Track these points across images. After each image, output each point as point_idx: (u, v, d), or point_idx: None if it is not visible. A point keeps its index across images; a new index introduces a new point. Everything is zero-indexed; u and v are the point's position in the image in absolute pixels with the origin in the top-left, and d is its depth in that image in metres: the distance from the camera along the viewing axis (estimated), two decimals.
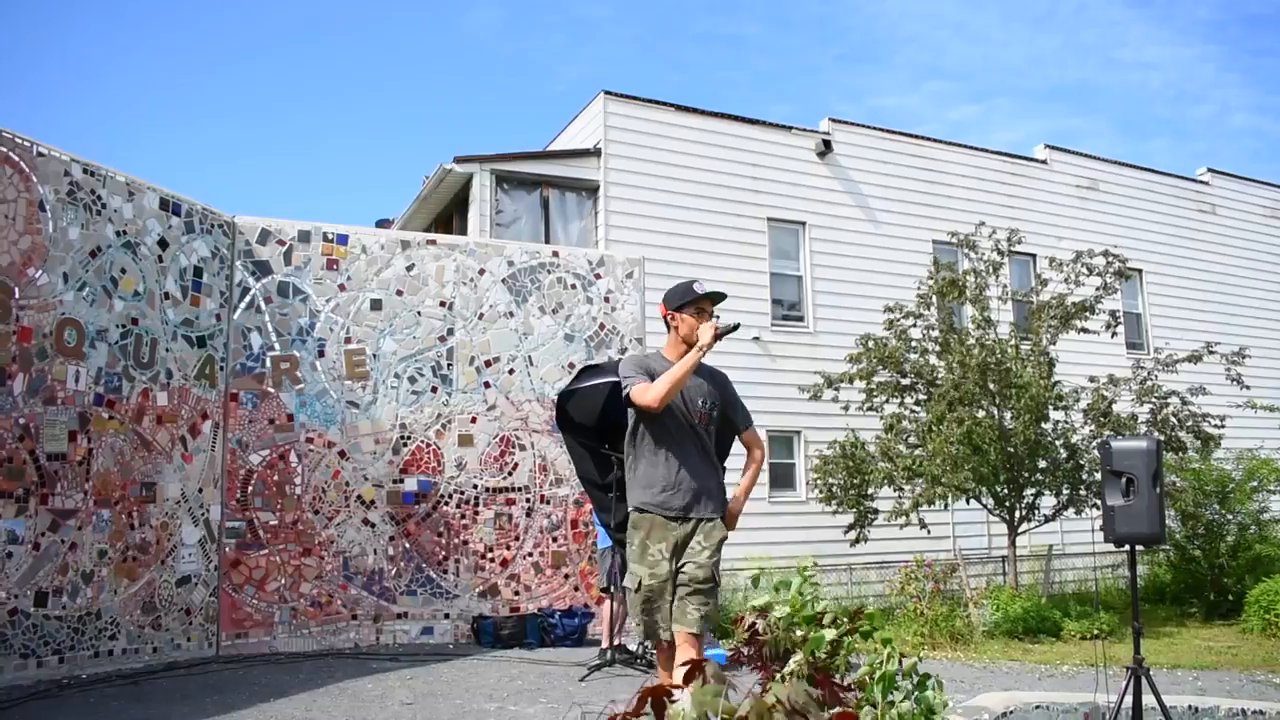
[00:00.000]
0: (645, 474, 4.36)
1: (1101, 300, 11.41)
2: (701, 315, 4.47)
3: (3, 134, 6.40)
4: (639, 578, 4.24)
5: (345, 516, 8.18)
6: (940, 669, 7.16)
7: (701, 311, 4.48)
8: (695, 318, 4.45)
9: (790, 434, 14.33)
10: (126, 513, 7.06)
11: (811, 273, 15.00)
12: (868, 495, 11.17)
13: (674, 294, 4.55)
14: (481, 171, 13.39)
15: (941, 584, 10.35)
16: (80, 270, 6.84)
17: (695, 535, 4.30)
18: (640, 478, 4.37)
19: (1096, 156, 18.26)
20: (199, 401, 7.68)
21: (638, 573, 4.26)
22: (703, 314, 4.48)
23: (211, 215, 7.95)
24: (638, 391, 4.27)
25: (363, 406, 8.35)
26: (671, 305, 4.51)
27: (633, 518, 4.36)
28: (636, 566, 4.28)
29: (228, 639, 7.71)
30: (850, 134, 15.79)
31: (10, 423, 6.32)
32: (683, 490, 4.31)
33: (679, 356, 4.42)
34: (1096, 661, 7.21)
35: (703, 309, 4.49)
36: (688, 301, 4.47)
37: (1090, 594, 13.04)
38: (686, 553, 4.26)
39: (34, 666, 6.38)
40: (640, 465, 4.39)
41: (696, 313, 4.46)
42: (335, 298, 8.36)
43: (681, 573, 4.22)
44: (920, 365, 11.27)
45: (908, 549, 11.91)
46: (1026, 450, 10.64)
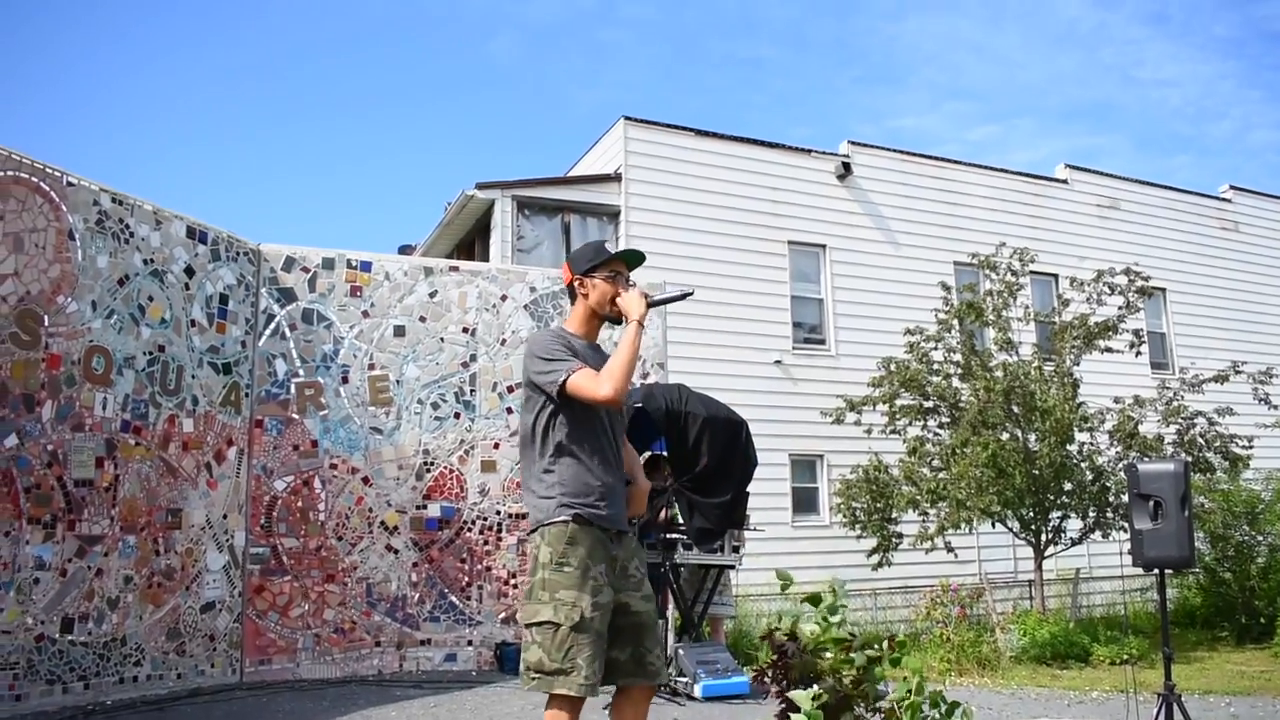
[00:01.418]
0: (576, 477, 3.54)
1: (1124, 319, 11.35)
2: (617, 280, 3.72)
3: (34, 164, 6.48)
4: (579, 609, 3.34)
5: (368, 543, 8.19)
6: (967, 696, 7.09)
7: (617, 275, 3.73)
8: (609, 283, 3.70)
9: (813, 458, 14.30)
10: (152, 539, 7.09)
11: (832, 295, 15.00)
12: (891, 519, 11.12)
13: (580, 255, 3.80)
14: (503, 197, 13.48)
15: (967, 609, 10.27)
16: (108, 298, 6.90)
17: (632, 558, 3.63)
18: (570, 481, 3.53)
19: (1117, 175, 18.25)
20: (224, 428, 7.73)
21: (577, 602, 3.35)
22: (618, 278, 3.73)
23: (237, 243, 8.02)
24: (587, 380, 3.47)
25: (386, 432, 8.37)
26: (578, 269, 3.74)
27: (569, 531, 3.46)
28: (573, 594, 3.37)
29: (251, 665, 7.72)
30: (870, 156, 15.82)
31: (39, 449, 6.37)
32: (617, 499, 3.62)
33: (587, 330, 3.76)
34: (1127, 687, 7.13)
35: (618, 272, 3.75)
36: (601, 262, 3.72)
37: (1119, 618, 12.91)
38: (627, 580, 3.56)
39: (60, 693, 6.40)
40: (565, 466, 3.56)
41: (611, 276, 3.72)
42: (359, 324, 8.41)
43: (630, 610, 3.51)
44: (943, 388, 11.23)
45: (932, 573, 11.84)
46: (1052, 473, 10.57)
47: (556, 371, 3.50)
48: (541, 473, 3.58)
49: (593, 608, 3.35)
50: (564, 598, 3.35)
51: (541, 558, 3.46)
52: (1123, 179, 18.22)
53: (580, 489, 3.52)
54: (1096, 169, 18.09)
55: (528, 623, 3.42)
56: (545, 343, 3.63)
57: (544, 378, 3.54)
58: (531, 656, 3.35)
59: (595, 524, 3.49)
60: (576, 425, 3.57)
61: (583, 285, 3.72)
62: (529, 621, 3.41)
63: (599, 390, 3.45)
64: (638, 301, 3.63)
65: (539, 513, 3.55)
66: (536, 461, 3.60)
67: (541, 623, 3.34)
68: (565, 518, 3.48)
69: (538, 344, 3.65)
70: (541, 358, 3.56)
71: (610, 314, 3.72)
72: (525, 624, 3.43)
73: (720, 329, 13.83)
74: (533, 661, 3.35)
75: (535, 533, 3.55)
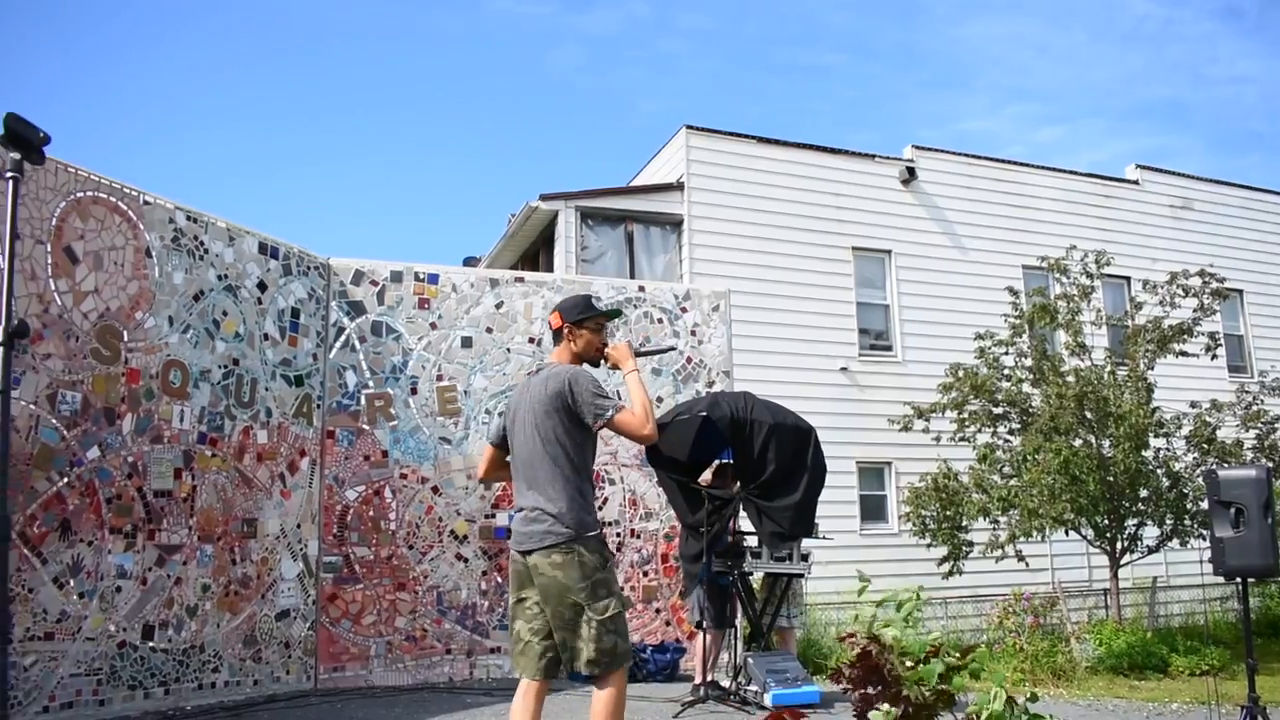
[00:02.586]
0: (591, 497, 4.18)
1: (1199, 322, 11.11)
2: (601, 333, 4.38)
3: (112, 184, 6.66)
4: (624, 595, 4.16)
5: (439, 551, 8.27)
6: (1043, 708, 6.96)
7: (601, 328, 4.38)
8: (595, 334, 4.34)
9: (881, 465, 14.18)
10: (229, 548, 7.23)
11: (899, 301, 14.88)
12: (961, 527, 10.98)
13: (572, 306, 4.38)
14: (566, 208, 13.55)
15: (1041, 618, 10.10)
16: (184, 313, 7.06)
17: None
18: (592, 498, 4.18)
19: (1190, 175, 17.87)
20: (297, 439, 7.86)
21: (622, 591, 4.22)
22: (601, 330, 4.39)
23: (308, 258, 8.16)
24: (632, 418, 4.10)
25: (455, 442, 8.46)
26: (569, 317, 4.32)
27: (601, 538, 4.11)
28: (618, 586, 4.12)
29: (325, 672, 7.83)
30: (934, 160, 15.67)
31: (120, 461, 6.53)
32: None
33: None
34: (1208, 699, 6.98)
35: (603, 326, 4.41)
36: (589, 316, 4.34)
37: (1199, 628, 12.62)
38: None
39: (141, 698, 6.55)
40: (589, 486, 4.18)
41: (598, 329, 4.36)
42: (427, 336, 8.51)
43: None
44: (1013, 394, 11.07)
45: (1004, 582, 11.67)
46: (1127, 480, 10.36)
47: (607, 407, 4.08)
48: (580, 490, 4.10)
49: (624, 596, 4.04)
50: (617, 590, 4.02)
51: (592, 563, 3.97)
52: (1195, 178, 17.84)
53: (593, 506, 4.15)
54: (1168, 169, 17.73)
55: (602, 617, 3.90)
56: (593, 380, 4.17)
57: (598, 408, 4.08)
58: (607, 644, 3.88)
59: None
60: (590, 451, 4.21)
61: (571, 333, 4.32)
62: (603, 616, 3.90)
63: (645, 428, 4.12)
64: (627, 352, 4.32)
65: (579, 525, 4.01)
66: (573, 480, 4.08)
67: (614, 614, 3.92)
68: (599, 530, 4.09)
69: (590, 380, 4.16)
70: (595, 392, 4.11)
71: (591, 359, 4.37)
72: (599, 619, 3.90)
73: (786, 336, 13.76)
74: (608, 647, 3.88)
75: (576, 542, 3.99)
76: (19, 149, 2.77)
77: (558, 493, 4.03)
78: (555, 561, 3.95)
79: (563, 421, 4.09)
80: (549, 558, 3.96)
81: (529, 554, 4.04)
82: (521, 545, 4.08)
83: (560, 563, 3.94)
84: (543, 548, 3.98)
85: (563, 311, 4.34)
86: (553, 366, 4.31)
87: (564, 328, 4.31)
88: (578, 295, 4.51)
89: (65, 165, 6.35)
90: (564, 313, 4.33)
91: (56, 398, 6.17)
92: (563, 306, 4.37)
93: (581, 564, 3.94)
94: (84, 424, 6.32)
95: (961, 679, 3.09)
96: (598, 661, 3.87)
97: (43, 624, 5.99)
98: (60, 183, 6.31)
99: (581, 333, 4.31)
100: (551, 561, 3.96)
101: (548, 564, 3.96)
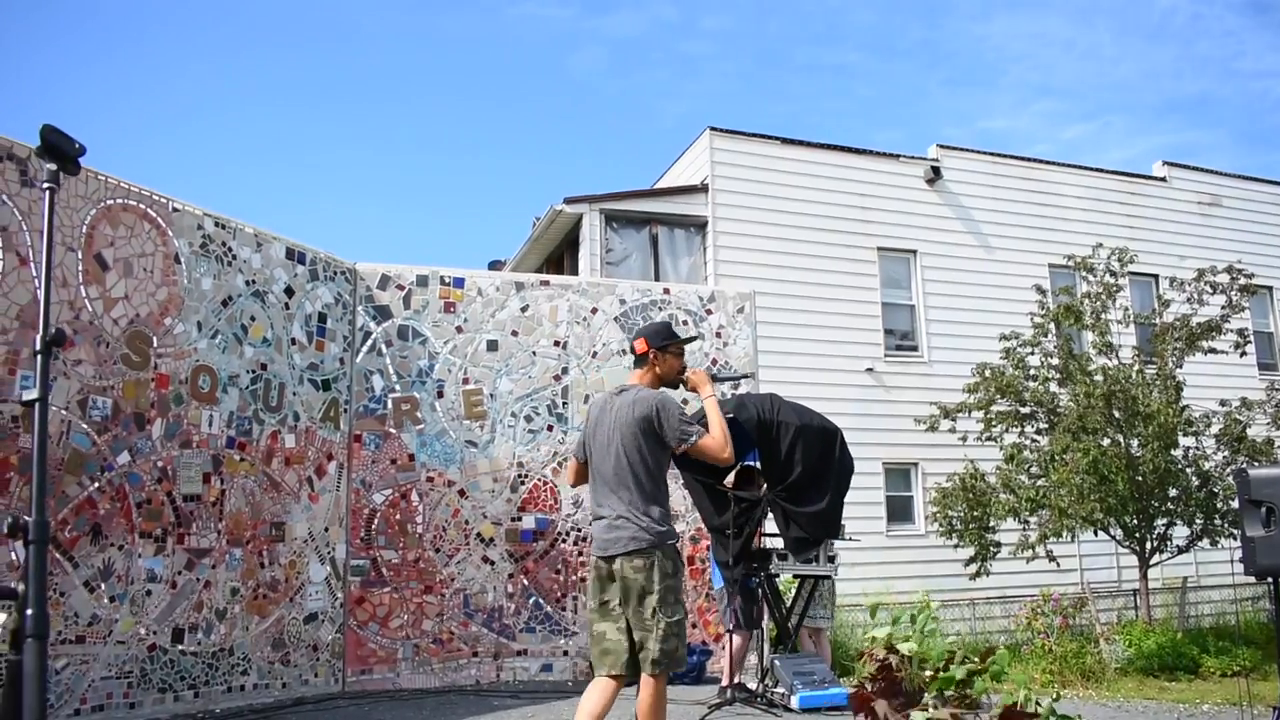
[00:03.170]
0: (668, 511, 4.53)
1: (1228, 319, 11.01)
2: (682, 357, 4.73)
3: (141, 191, 6.73)
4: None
5: (465, 554, 8.31)
6: (1072, 709, 6.92)
7: (682, 353, 4.73)
8: (677, 359, 4.68)
9: (907, 466, 14.12)
10: (257, 551, 7.29)
11: (924, 301, 14.81)
12: (989, 528, 10.92)
13: (658, 332, 4.72)
14: (591, 211, 13.57)
15: (1070, 619, 10.03)
16: (213, 319, 7.12)
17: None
18: (667, 514, 4.51)
19: (1218, 171, 17.70)
20: (324, 443, 7.91)
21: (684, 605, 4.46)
22: (682, 355, 4.74)
23: (334, 263, 8.21)
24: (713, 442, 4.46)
25: (481, 446, 8.49)
26: (655, 343, 4.65)
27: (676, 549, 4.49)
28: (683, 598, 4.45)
29: (353, 675, 7.88)
30: (959, 159, 15.60)
31: (150, 465, 6.60)
32: None
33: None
34: (1239, 700, 6.91)
35: (683, 350, 4.76)
36: (673, 342, 4.69)
37: (1230, 628, 12.50)
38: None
39: (171, 701, 6.61)
40: (667, 503, 4.54)
41: (679, 354, 4.70)
42: (453, 339, 8.54)
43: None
44: (1040, 393, 11.01)
45: (1032, 582, 11.60)
46: (1156, 479, 10.28)
47: (692, 432, 4.43)
48: (659, 502, 4.45)
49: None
50: (682, 598, 4.38)
51: (667, 569, 4.33)
52: (1224, 175, 17.67)
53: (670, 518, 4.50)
54: (1196, 165, 17.58)
55: (670, 620, 4.26)
56: (679, 407, 4.55)
57: (682, 432, 4.43)
58: (669, 646, 4.23)
59: None
60: (666, 468, 4.57)
61: (656, 358, 4.63)
62: (671, 619, 4.26)
63: (724, 451, 4.46)
64: (705, 378, 4.67)
65: (657, 535, 4.36)
66: (652, 492, 4.44)
67: (679, 620, 4.29)
68: (675, 539, 4.44)
69: (676, 407, 4.53)
70: (682, 419, 4.47)
71: (672, 382, 4.68)
72: (668, 621, 4.26)
73: (811, 337, 13.73)
74: (670, 649, 4.23)
75: (656, 548, 4.34)
76: (55, 160, 2.80)
77: (641, 503, 4.39)
78: (636, 565, 4.31)
79: (647, 442, 4.44)
80: (631, 562, 4.32)
81: (612, 559, 4.39)
82: (605, 551, 4.42)
83: (641, 566, 4.30)
84: (625, 553, 4.33)
85: (648, 337, 4.66)
86: (638, 389, 4.61)
87: (649, 352, 4.62)
88: (660, 322, 4.96)
89: (96, 173, 6.43)
90: (649, 338, 4.65)
91: (87, 403, 6.24)
92: (647, 332, 4.70)
93: (660, 569, 4.30)
94: (114, 429, 6.39)
95: (984, 682, 3.08)
96: (660, 661, 4.21)
97: (74, 627, 6.06)
98: (91, 190, 6.38)
99: (666, 357, 4.63)
100: (634, 565, 4.31)
101: (630, 568, 4.32)
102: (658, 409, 4.45)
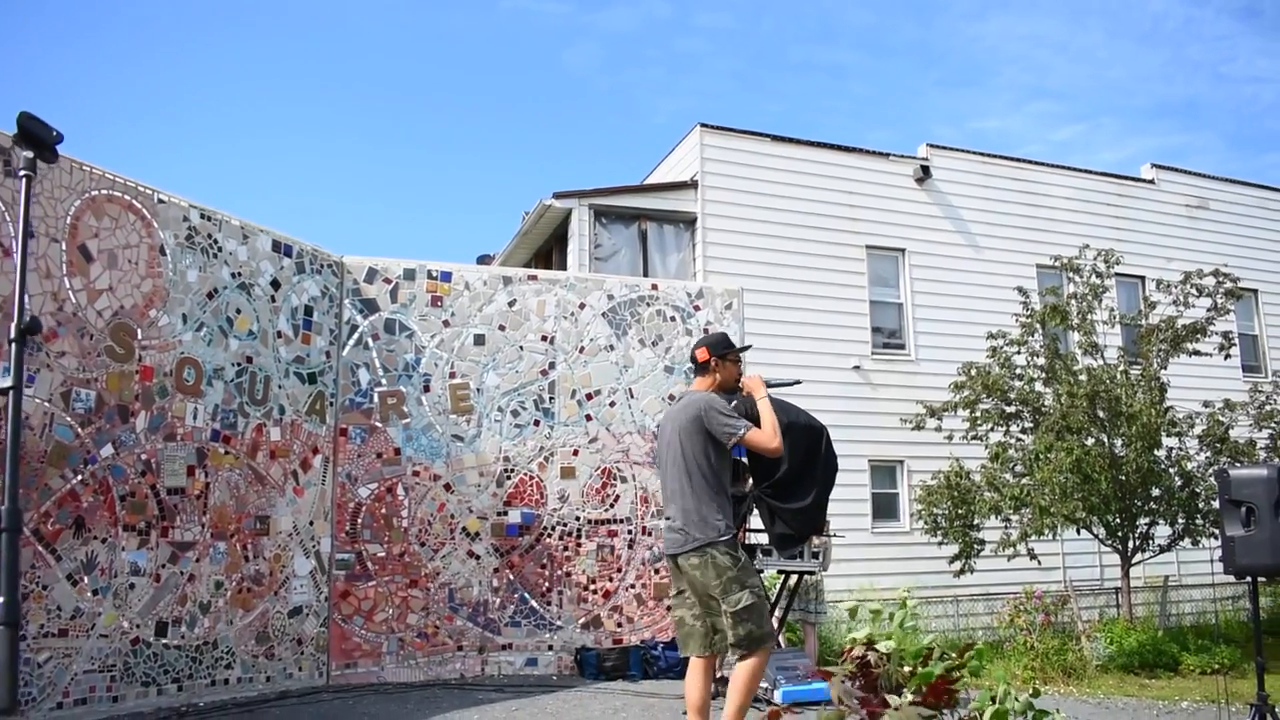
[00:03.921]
0: (727, 504, 4.90)
1: (1213, 321, 11.07)
2: (739, 365, 5.18)
3: (126, 182, 6.70)
4: (761, 587, 4.82)
5: (450, 549, 8.31)
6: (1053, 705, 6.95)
7: (739, 361, 5.20)
8: (735, 367, 5.13)
9: (893, 464, 14.16)
10: (241, 545, 7.27)
11: (912, 300, 14.85)
12: (973, 526, 10.96)
13: (719, 343, 5.19)
14: (580, 206, 13.57)
15: (1052, 616, 10.08)
16: (198, 311, 7.11)
17: None
18: (726, 507, 4.89)
19: (1206, 174, 17.77)
20: (310, 436, 7.90)
21: (759, 583, 4.85)
22: (739, 363, 5.20)
23: (321, 256, 8.20)
24: (761, 435, 4.85)
25: (467, 440, 8.49)
26: (716, 352, 5.11)
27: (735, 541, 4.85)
28: (754, 579, 4.82)
29: (337, 669, 7.87)
30: (949, 159, 15.63)
31: (133, 458, 6.58)
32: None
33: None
34: (1218, 698, 6.97)
35: (739, 359, 5.22)
36: (732, 350, 5.15)
37: (1210, 627, 12.58)
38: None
39: (154, 694, 6.59)
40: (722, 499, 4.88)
41: (737, 362, 5.16)
42: (440, 333, 8.54)
43: None
44: (1026, 393, 11.05)
45: (1016, 580, 11.65)
46: (1139, 479, 10.34)
47: (737, 427, 4.81)
48: (713, 501, 4.81)
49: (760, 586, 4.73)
50: (753, 583, 4.71)
51: (726, 562, 4.70)
52: (1212, 178, 17.74)
53: (730, 512, 4.87)
54: (1184, 168, 17.64)
55: (735, 609, 4.64)
56: (722, 405, 4.92)
57: (727, 429, 4.82)
58: (742, 631, 4.63)
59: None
60: (725, 467, 4.94)
61: (718, 365, 5.06)
62: (736, 608, 4.64)
63: (772, 443, 4.88)
64: (759, 383, 5.08)
65: (712, 531, 4.74)
66: (706, 492, 4.82)
67: (746, 605, 4.63)
68: (733, 533, 4.82)
69: (718, 404, 4.91)
70: (724, 414, 4.86)
71: (731, 388, 5.09)
72: (733, 610, 4.64)
73: (798, 334, 13.74)
74: (744, 634, 4.62)
75: (709, 546, 4.72)
76: (32, 147, 2.80)
77: (695, 505, 4.80)
78: (694, 564, 4.76)
79: (700, 441, 4.85)
80: (689, 560, 4.78)
81: (675, 557, 4.89)
82: (669, 550, 4.92)
83: (698, 564, 4.74)
84: (684, 552, 4.79)
85: (710, 347, 5.13)
86: (692, 394, 5.07)
87: (711, 360, 5.08)
88: (720, 333, 5.35)
89: (80, 164, 6.40)
90: (711, 348, 5.12)
91: (71, 395, 6.22)
92: (709, 343, 5.17)
93: (716, 565, 4.70)
94: (98, 421, 6.37)
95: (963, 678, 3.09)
96: (739, 644, 4.67)
97: (57, 621, 6.04)
98: (75, 181, 6.35)
99: (726, 365, 5.07)
100: (692, 564, 4.77)
101: (689, 565, 4.79)
102: (704, 409, 4.86)
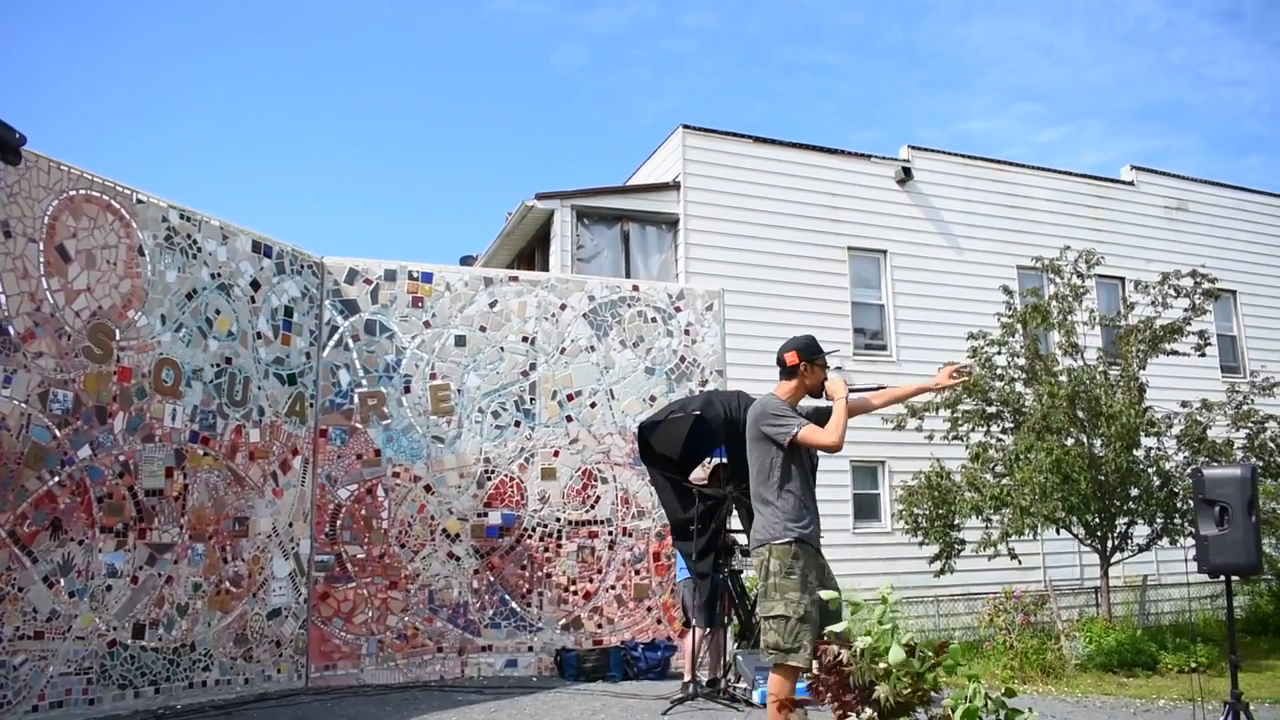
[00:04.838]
0: (794, 509, 4.73)
1: (1190, 322, 11.13)
2: (826, 369, 5.08)
3: (104, 182, 6.68)
4: (802, 605, 4.53)
5: (430, 550, 8.29)
6: (1031, 704, 6.99)
7: (825, 365, 5.09)
8: (821, 370, 5.02)
9: (874, 464, 14.18)
10: (220, 547, 7.25)
11: (893, 301, 14.88)
12: (954, 526, 10.99)
13: (807, 346, 5.08)
14: (563, 207, 13.54)
15: (1031, 616, 10.11)
16: (177, 312, 7.08)
17: (826, 563, 4.85)
18: (789, 512, 4.72)
19: (1186, 176, 17.84)
20: (290, 438, 7.88)
21: (800, 600, 4.55)
22: (826, 367, 5.09)
23: (301, 256, 8.17)
24: (813, 432, 4.74)
25: (448, 441, 8.48)
26: (804, 356, 5.01)
27: (793, 549, 4.65)
28: (797, 594, 4.57)
29: (317, 671, 7.85)
30: (931, 160, 15.67)
31: (111, 459, 6.55)
32: (817, 523, 4.83)
33: (796, 399, 4.98)
34: (1194, 696, 7.01)
35: (826, 364, 5.10)
36: (819, 354, 5.06)
37: (1188, 626, 12.65)
38: (827, 581, 4.74)
39: (131, 697, 6.57)
40: (788, 501, 4.74)
41: (823, 366, 5.06)
42: (421, 334, 8.53)
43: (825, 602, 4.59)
44: (1006, 393, 11.10)
45: (996, 580, 11.68)
46: (1118, 478, 10.38)
47: (789, 426, 4.75)
48: (776, 502, 4.75)
49: (811, 604, 4.52)
50: (792, 597, 4.55)
51: (773, 567, 4.64)
52: (1191, 180, 17.83)
53: (797, 516, 4.72)
54: (1164, 170, 17.72)
55: (765, 615, 4.62)
56: (776, 406, 4.89)
57: (777, 431, 4.76)
58: (770, 639, 4.57)
59: (808, 542, 4.70)
60: (793, 469, 4.79)
61: (807, 369, 4.97)
62: (766, 615, 4.61)
63: (826, 439, 4.74)
64: (842, 385, 4.93)
65: (767, 533, 4.71)
66: (770, 493, 4.77)
67: (777, 616, 4.54)
68: (789, 539, 4.66)
69: (771, 406, 4.90)
70: (775, 414, 4.82)
71: (816, 391, 5.01)
72: (764, 616, 4.64)
73: (780, 335, 13.62)
74: (770, 642, 4.56)
75: (763, 547, 4.70)
76: None
77: (762, 504, 4.80)
78: (755, 563, 4.80)
79: (762, 444, 4.84)
80: (753, 557, 4.83)
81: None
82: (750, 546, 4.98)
83: (758, 564, 4.76)
84: (754, 549, 4.83)
85: (799, 350, 5.06)
86: (760, 399, 5.07)
87: (800, 364, 5.00)
88: (808, 337, 5.21)
89: (58, 164, 6.37)
90: (800, 351, 5.05)
91: (48, 396, 6.19)
92: (798, 346, 5.09)
93: (766, 566, 4.68)
94: (75, 423, 6.34)
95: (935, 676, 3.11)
96: (764, 650, 4.64)
97: (33, 623, 6.01)
98: (53, 181, 6.33)
99: (814, 369, 5.00)
100: (755, 563, 4.81)
101: (753, 561, 4.85)
102: (759, 412, 4.89)
